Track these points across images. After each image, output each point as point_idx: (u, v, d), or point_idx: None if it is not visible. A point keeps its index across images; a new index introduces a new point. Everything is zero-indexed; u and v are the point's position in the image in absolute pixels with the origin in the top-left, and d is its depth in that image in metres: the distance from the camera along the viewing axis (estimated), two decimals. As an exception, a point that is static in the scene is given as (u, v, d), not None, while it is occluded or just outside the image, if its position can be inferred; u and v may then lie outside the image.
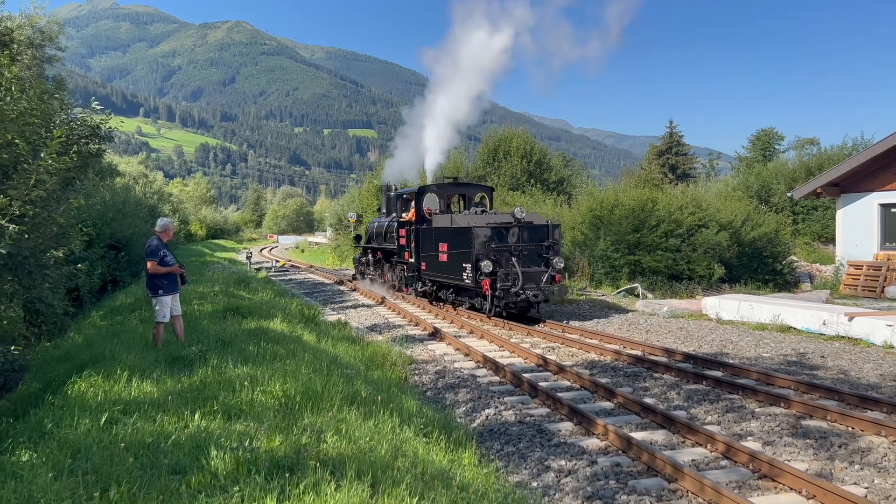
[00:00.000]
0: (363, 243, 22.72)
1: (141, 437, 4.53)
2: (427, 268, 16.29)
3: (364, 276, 22.36)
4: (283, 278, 26.53)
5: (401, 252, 18.15)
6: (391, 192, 19.90)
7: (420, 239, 16.52)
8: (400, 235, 18.01)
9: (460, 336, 12.32)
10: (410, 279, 17.65)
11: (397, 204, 18.95)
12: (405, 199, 18.35)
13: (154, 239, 8.52)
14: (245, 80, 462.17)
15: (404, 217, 18.03)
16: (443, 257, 15.11)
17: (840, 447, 6.13)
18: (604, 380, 8.82)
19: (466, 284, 14.15)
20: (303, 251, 53.99)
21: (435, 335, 12.43)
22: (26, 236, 6.46)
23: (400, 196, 18.83)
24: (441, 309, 15.49)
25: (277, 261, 39.05)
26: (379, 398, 6.18)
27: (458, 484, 4.31)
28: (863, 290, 17.90)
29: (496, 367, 9.38)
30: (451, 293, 15.68)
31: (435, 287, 16.51)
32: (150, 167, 77.28)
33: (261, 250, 57.03)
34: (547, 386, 8.42)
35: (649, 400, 7.79)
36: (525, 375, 8.76)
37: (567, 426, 6.90)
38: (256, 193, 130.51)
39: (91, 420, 4.91)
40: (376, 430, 5.23)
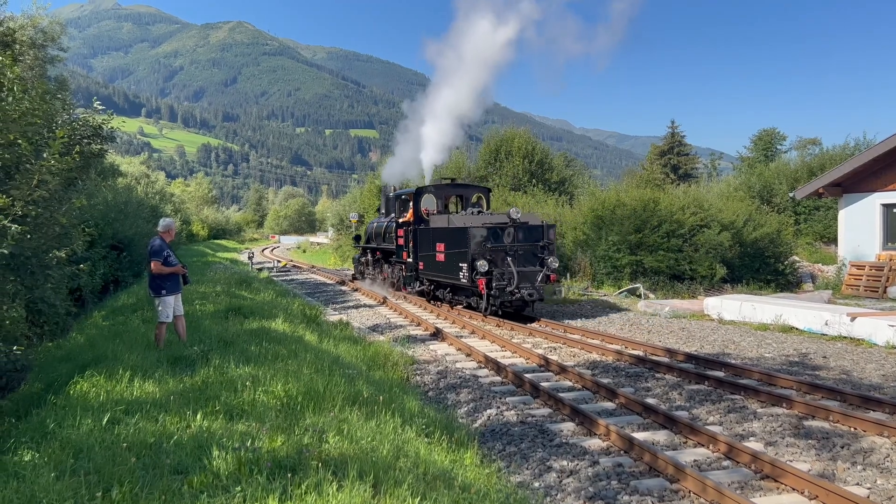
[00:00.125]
0: (362, 243, 22.91)
1: (143, 437, 4.53)
2: (425, 267, 16.41)
3: (364, 276, 22.50)
4: (285, 278, 26.54)
5: (399, 252, 18.28)
6: (390, 193, 20.03)
7: (418, 239, 16.64)
8: (398, 236, 18.15)
9: (462, 336, 12.32)
10: (409, 279, 17.77)
11: (396, 204, 19.08)
12: (403, 200, 18.47)
13: (157, 239, 8.53)
14: (247, 81, 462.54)
15: (403, 218, 18.14)
16: (440, 257, 15.23)
17: (842, 448, 6.12)
18: (606, 380, 8.81)
19: (463, 284, 14.28)
20: (304, 251, 54.03)
21: (436, 335, 12.43)
22: (29, 236, 6.47)
23: (398, 197, 18.96)
24: (442, 309, 15.51)
25: (279, 261, 39.06)
26: (381, 398, 6.18)
27: (460, 484, 4.31)
28: (865, 291, 17.88)
29: (498, 368, 9.38)
30: (449, 292, 15.80)
31: (432, 286, 16.64)
32: (152, 167, 77.41)
33: (262, 250, 57.04)
34: (549, 386, 8.42)
35: (651, 400, 7.78)
36: (527, 376, 8.76)
37: (569, 426, 6.90)
38: (258, 194, 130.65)
39: (93, 420, 4.91)
40: (378, 431, 5.23)
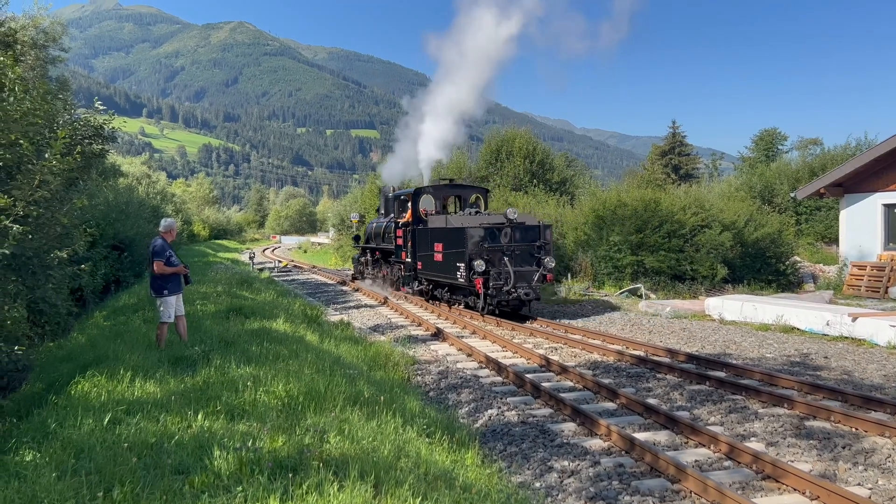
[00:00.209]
0: (362, 243, 23.08)
1: (144, 438, 4.53)
2: (423, 267, 16.56)
3: (363, 276, 22.66)
4: (286, 279, 26.54)
5: (398, 252, 18.45)
6: (389, 194, 20.15)
7: (416, 239, 16.79)
8: (397, 236, 18.31)
9: (463, 336, 12.32)
10: (407, 278, 17.93)
11: (395, 205, 19.20)
12: (402, 201, 18.60)
13: (158, 239, 8.53)
14: (248, 81, 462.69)
15: (402, 218, 18.26)
16: (438, 257, 15.37)
17: (844, 448, 6.11)
18: (607, 380, 8.81)
19: (460, 283, 14.44)
20: (305, 252, 54.03)
21: (437, 335, 12.44)
22: (30, 237, 6.47)
23: (397, 197, 19.08)
24: (443, 309, 15.52)
25: (280, 261, 39.07)
26: (382, 398, 6.18)
27: (461, 484, 4.31)
28: (866, 291, 17.86)
29: (499, 368, 9.38)
30: (447, 292, 15.95)
31: (431, 286, 16.79)
32: (153, 167, 77.42)
33: (263, 251, 57.06)
34: (550, 386, 8.42)
35: (652, 400, 7.78)
36: (528, 376, 8.76)
37: (570, 427, 6.89)
38: (259, 194, 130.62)
39: (94, 420, 4.91)
40: (379, 431, 5.23)
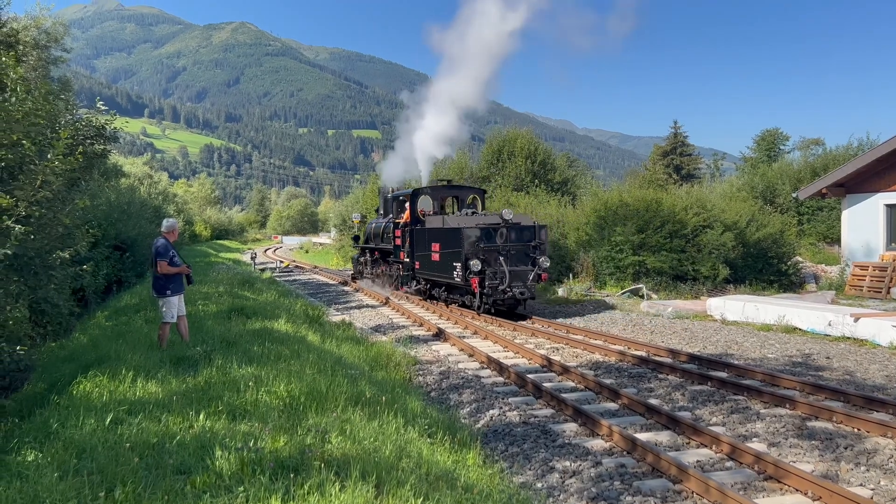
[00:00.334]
0: (361, 243, 23.32)
1: (146, 438, 4.53)
2: (421, 267, 16.77)
3: (362, 276, 22.88)
4: (288, 279, 26.56)
5: (396, 252, 18.65)
6: (388, 195, 20.33)
7: (414, 239, 17.01)
8: (396, 236, 18.51)
9: (464, 337, 12.32)
10: (406, 278, 18.14)
11: (394, 205, 19.42)
12: (401, 201, 18.80)
13: (161, 239, 8.54)
14: (249, 81, 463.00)
15: (400, 218, 18.45)
16: (435, 257, 15.57)
17: (846, 448, 6.10)
18: (608, 381, 8.80)
19: (457, 282, 14.64)
20: (307, 252, 54.05)
21: (439, 336, 12.44)
22: (32, 237, 6.48)
23: (396, 198, 19.27)
24: (444, 309, 15.55)
25: (282, 261, 39.08)
26: (383, 399, 6.18)
27: (463, 484, 4.31)
28: (868, 291, 17.83)
29: (500, 368, 9.37)
30: (444, 291, 16.17)
31: (428, 285, 17.03)
32: (155, 168, 77.54)
33: (265, 251, 57.08)
34: (551, 387, 8.41)
35: (654, 401, 7.77)
36: (529, 376, 8.76)
37: (571, 427, 6.89)
38: (261, 194, 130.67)
39: (96, 420, 4.92)
40: (381, 431, 5.23)
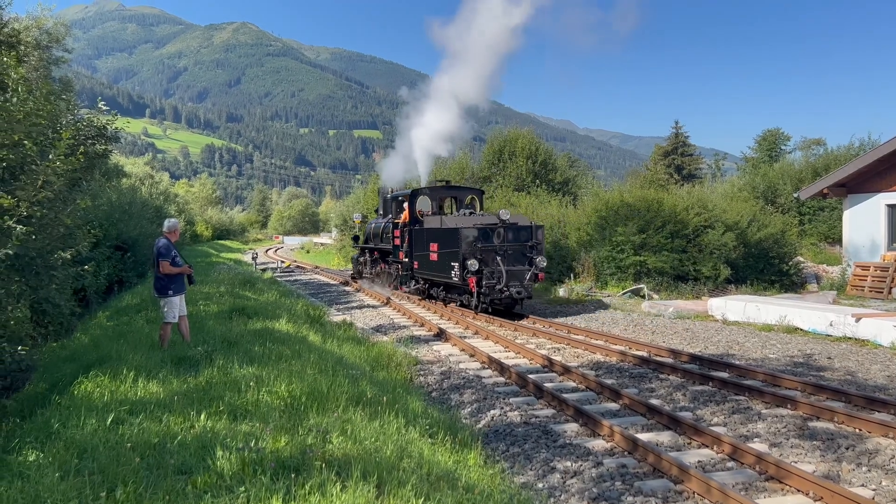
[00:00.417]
0: (361, 243, 23.48)
1: (147, 438, 4.53)
2: (419, 266, 16.92)
3: (361, 275, 23.03)
4: (289, 279, 26.56)
5: (395, 252, 18.82)
6: (387, 195, 20.46)
7: (413, 239, 17.17)
8: (395, 236, 18.66)
9: (465, 337, 12.32)
10: (404, 277, 18.30)
11: (393, 206, 19.57)
12: (400, 201, 18.94)
13: (162, 239, 8.53)
14: (250, 82, 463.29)
15: (399, 218, 18.59)
16: (433, 256, 15.70)
17: (847, 449, 6.10)
18: (609, 381, 8.80)
19: (455, 282, 14.78)
20: (308, 252, 54.03)
21: (440, 336, 12.44)
22: (34, 237, 6.48)
23: (395, 198, 19.42)
24: (445, 310, 15.56)
25: (283, 261, 39.09)
26: (384, 399, 6.18)
27: (464, 485, 4.31)
28: (870, 292, 17.81)
29: (501, 368, 9.37)
30: (442, 290, 16.33)
31: (427, 285, 17.19)
32: (156, 168, 77.59)
33: (266, 251, 57.11)
34: (552, 387, 8.41)
35: (655, 401, 7.76)
36: (530, 376, 8.75)
37: (573, 427, 6.89)
38: (262, 194, 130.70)
39: (97, 420, 4.92)
40: (382, 431, 5.23)
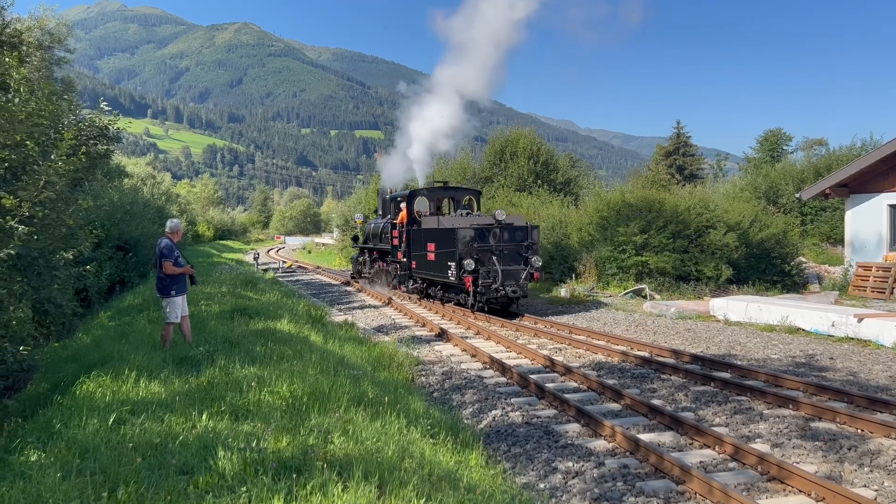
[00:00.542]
0: (360, 243, 23.62)
1: (149, 438, 4.54)
2: (417, 266, 17.12)
3: (361, 275, 23.18)
4: (290, 279, 26.58)
5: (394, 252, 19.01)
6: (387, 196, 20.59)
7: (411, 239, 17.38)
8: (393, 236, 18.85)
9: (467, 337, 12.32)
10: (403, 277, 18.48)
11: (391, 206, 19.72)
12: (398, 202, 19.08)
13: (165, 240, 8.54)
14: (252, 82, 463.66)
15: (397, 219, 18.72)
16: (431, 256, 15.89)
17: (849, 449, 6.09)
18: (611, 381, 8.79)
19: (451, 281, 14.95)
20: (310, 252, 54.06)
21: (441, 336, 12.43)
22: (36, 237, 6.49)
23: (394, 199, 19.58)
24: (447, 310, 15.57)
25: (284, 262, 39.11)
26: (386, 399, 6.17)
27: (466, 485, 4.30)
28: (872, 292, 17.78)
29: (503, 369, 9.37)
30: (439, 290, 16.50)
31: (425, 284, 17.36)
32: (158, 168, 77.73)
33: (268, 251, 57.18)
34: (554, 387, 8.40)
35: (657, 401, 7.75)
36: (532, 376, 8.75)
37: (574, 427, 6.88)
38: (263, 194, 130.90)
39: (99, 420, 4.92)
40: (383, 431, 5.23)
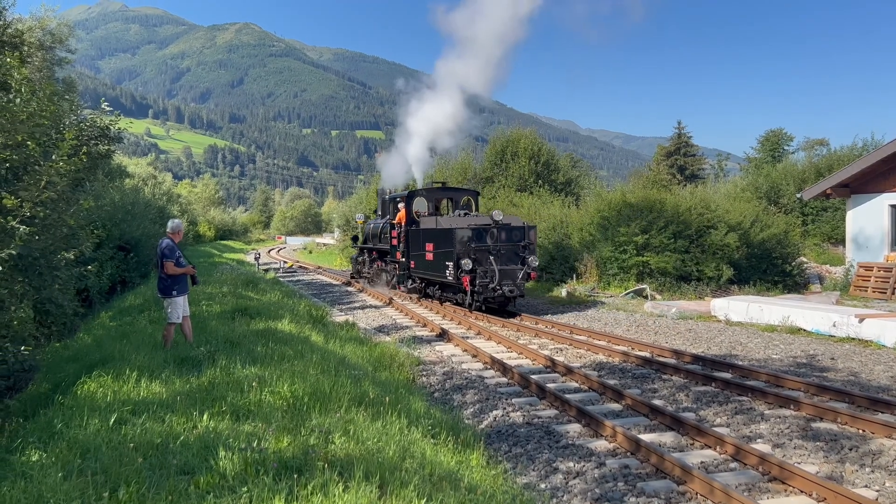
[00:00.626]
0: (360, 243, 23.69)
1: (150, 438, 4.54)
2: (416, 266, 17.22)
3: (360, 275, 23.26)
4: (291, 279, 26.59)
5: (393, 252, 19.13)
6: (386, 196, 20.68)
7: (409, 239, 17.49)
8: (392, 236, 18.93)
9: (468, 337, 12.32)
10: (402, 277, 18.57)
11: (390, 206, 19.80)
12: (397, 202, 19.19)
13: (166, 240, 8.54)
14: (253, 82, 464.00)
15: (396, 219, 18.78)
16: (429, 256, 16.00)
17: (850, 450, 6.08)
18: (612, 381, 8.79)
19: (449, 281, 15.06)
20: (311, 252, 54.07)
21: (442, 336, 12.43)
22: (37, 237, 6.50)
23: (393, 199, 19.69)
24: (447, 310, 15.57)
25: (285, 262, 39.12)
26: (387, 399, 6.17)
27: (466, 485, 4.30)
28: (873, 292, 17.76)
29: (504, 369, 9.37)
30: (438, 289, 16.62)
31: (423, 284, 17.47)
32: (159, 168, 77.76)
33: (269, 251, 57.20)
34: (555, 387, 8.40)
35: (658, 402, 7.75)
36: (533, 377, 8.75)
37: (575, 428, 6.88)
38: (264, 195, 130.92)
39: (100, 420, 4.92)
40: (384, 431, 5.23)
